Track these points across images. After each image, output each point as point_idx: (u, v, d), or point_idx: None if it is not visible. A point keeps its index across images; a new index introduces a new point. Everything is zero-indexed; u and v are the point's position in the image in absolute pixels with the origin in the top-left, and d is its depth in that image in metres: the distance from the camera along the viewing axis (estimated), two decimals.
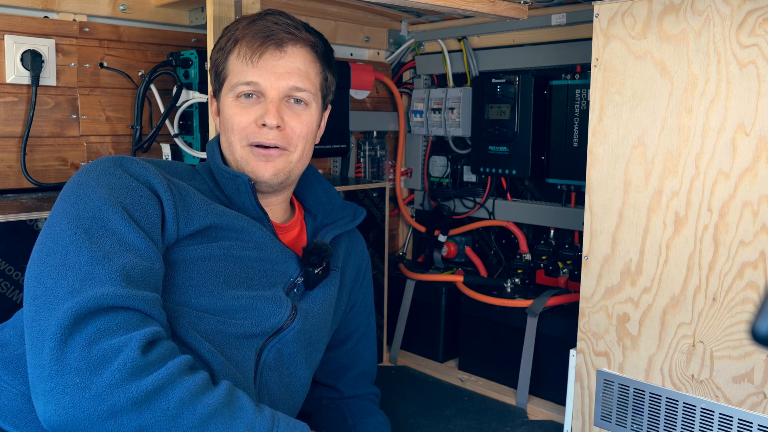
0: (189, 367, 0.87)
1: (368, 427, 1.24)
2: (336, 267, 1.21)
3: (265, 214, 1.10)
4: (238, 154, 1.10)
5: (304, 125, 1.11)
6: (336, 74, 1.21)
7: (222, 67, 1.12)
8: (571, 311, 1.55)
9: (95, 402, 0.79)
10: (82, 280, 0.85)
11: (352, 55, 2.11)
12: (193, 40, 1.70)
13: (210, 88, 1.20)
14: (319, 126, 1.19)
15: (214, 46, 1.16)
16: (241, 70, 1.09)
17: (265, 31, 1.09)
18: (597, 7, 1.30)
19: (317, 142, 1.19)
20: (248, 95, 1.09)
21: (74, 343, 0.81)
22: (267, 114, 1.07)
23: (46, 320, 0.83)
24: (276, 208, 1.18)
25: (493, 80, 1.81)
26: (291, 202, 1.24)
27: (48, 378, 0.80)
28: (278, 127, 1.08)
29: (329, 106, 1.23)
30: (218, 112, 1.16)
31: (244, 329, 1.02)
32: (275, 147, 1.09)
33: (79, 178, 0.97)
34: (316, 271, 1.13)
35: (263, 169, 1.09)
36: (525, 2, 1.54)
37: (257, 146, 1.09)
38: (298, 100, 1.11)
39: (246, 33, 1.09)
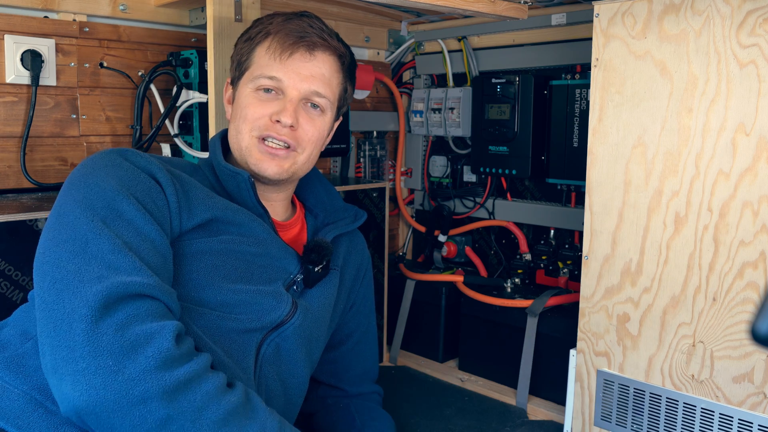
0: (210, 364, 0.89)
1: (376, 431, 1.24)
2: (336, 266, 1.21)
3: (266, 211, 1.10)
4: (245, 143, 1.09)
5: (317, 130, 1.12)
6: (354, 87, 1.21)
7: (246, 57, 1.12)
8: (571, 311, 1.55)
9: (128, 386, 0.79)
10: (107, 268, 0.85)
11: None
12: (193, 40, 1.70)
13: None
14: (329, 134, 1.19)
15: (242, 35, 1.15)
16: (267, 63, 1.09)
17: (300, 31, 1.09)
18: (597, 7, 1.30)
19: (322, 149, 1.20)
20: (267, 90, 1.09)
21: (105, 325, 0.81)
22: (284, 112, 1.07)
23: (70, 302, 0.82)
24: (277, 204, 1.18)
25: (493, 80, 1.81)
26: (292, 201, 1.24)
27: (80, 358, 0.80)
28: (291, 126, 1.08)
29: (341, 117, 1.24)
30: (231, 101, 1.16)
31: (244, 324, 1.02)
32: (285, 147, 1.09)
33: (86, 169, 0.96)
34: (316, 269, 1.13)
35: (267, 164, 1.09)
36: (525, 2, 1.54)
37: (265, 141, 1.09)
38: (315, 105, 1.11)
39: (280, 29, 1.10)
